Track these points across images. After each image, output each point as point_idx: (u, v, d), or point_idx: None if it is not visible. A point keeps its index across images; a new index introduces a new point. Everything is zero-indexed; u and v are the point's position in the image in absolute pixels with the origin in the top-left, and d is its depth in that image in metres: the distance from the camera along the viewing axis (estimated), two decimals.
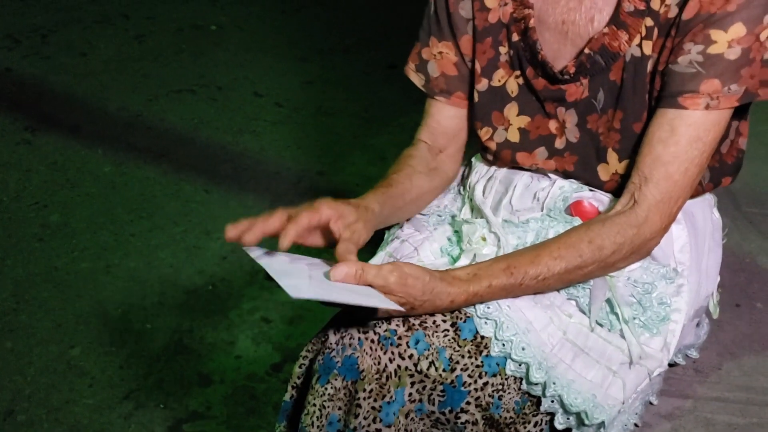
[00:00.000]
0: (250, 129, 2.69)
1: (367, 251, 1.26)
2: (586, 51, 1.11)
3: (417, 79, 1.27)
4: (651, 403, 1.26)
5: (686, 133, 1.03)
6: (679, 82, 1.03)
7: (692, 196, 1.19)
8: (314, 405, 0.94)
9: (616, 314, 1.08)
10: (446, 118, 1.27)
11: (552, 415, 1.07)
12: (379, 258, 1.24)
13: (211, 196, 2.32)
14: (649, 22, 1.07)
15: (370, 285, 0.93)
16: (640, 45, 1.08)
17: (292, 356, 1.77)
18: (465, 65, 1.24)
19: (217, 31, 3.41)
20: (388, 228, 1.34)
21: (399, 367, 0.97)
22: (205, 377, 1.72)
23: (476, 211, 1.25)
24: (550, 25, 1.13)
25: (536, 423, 1.07)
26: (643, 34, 1.08)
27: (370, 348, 0.96)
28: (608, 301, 1.08)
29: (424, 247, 1.20)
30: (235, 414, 1.64)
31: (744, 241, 1.87)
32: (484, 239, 1.13)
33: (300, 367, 1.01)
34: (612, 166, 1.15)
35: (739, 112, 1.15)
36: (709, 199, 1.27)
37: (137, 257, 2.07)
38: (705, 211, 1.24)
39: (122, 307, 1.91)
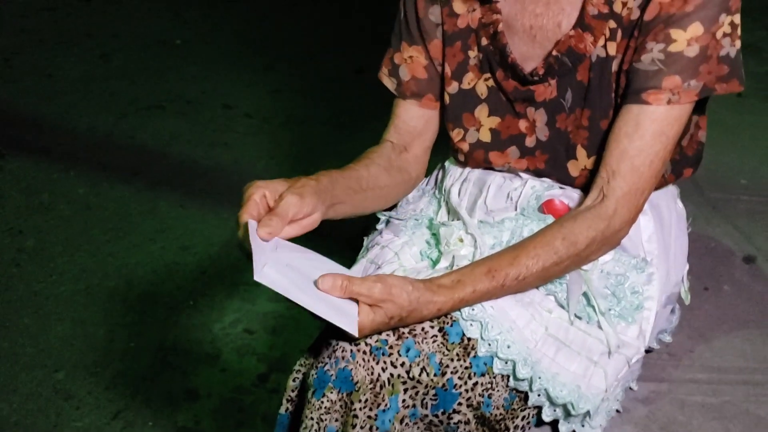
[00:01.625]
0: (222, 142, 2.69)
1: (348, 258, 1.28)
2: (554, 53, 1.15)
3: (390, 84, 1.30)
4: (631, 389, 1.30)
5: (650, 128, 1.08)
6: (643, 79, 1.08)
7: (656, 188, 1.23)
8: (311, 419, 0.96)
9: (593, 307, 1.11)
10: (413, 118, 1.29)
11: (540, 408, 1.10)
12: (360, 265, 1.26)
13: (187, 211, 2.32)
14: (612, 24, 1.11)
15: (355, 297, 0.95)
16: (604, 46, 1.12)
17: (277, 366, 1.78)
18: (435, 69, 1.27)
19: (182, 45, 3.40)
20: (366, 234, 1.37)
21: (392, 375, 0.99)
22: (192, 392, 1.72)
23: (452, 213, 1.28)
24: (518, 29, 1.17)
25: (523, 417, 1.11)
26: (607, 35, 1.12)
27: (363, 359, 0.98)
28: (585, 295, 1.12)
29: (404, 251, 1.23)
30: (224, 427, 1.65)
31: (709, 225, 1.91)
32: (461, 240, 1.16)
33: (294, 380, 1.03)
34: (581, 162, 1.18)
35: (699, 107, 1.20)
36: (672, 190, 1.31)
37: (116, 277, 2.07)
38: (669, 201, 1.28)
39: (104, 328, 1.90)
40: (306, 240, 1.03)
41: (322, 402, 0.96)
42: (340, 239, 1.51)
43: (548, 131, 1.20)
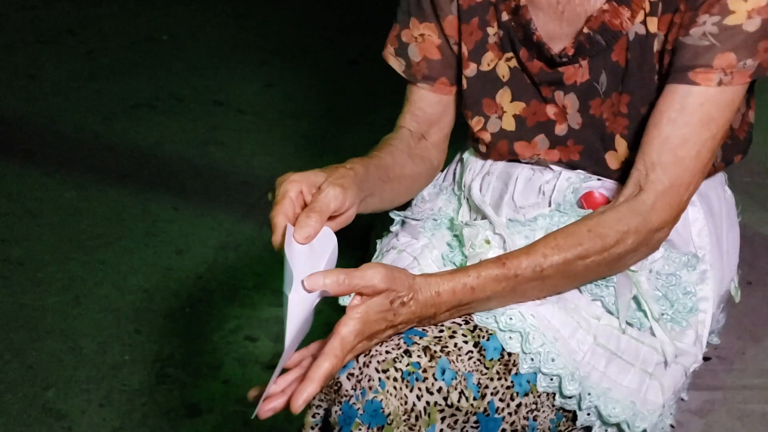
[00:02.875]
0: (215, 139, 2.66)
1: (353, 261, 1.18)
2: (585, 30, 1.04)
3: (397, 65, 1.19)
4: (682, 399, 1.21)
5: (698, 113, 0.96)
6: (691, 55, 0.96)
7: (705, 177, 1.13)
8: None
9: (644, 311, 1.01)
10: (429, 105, 1.19)
11: (589, 429, 1.00)
12: None
13: (181, 213, 2.28)
14: None
15: (356, 290, 0.85)
16: (644, 22, 1.01)
17: None
18: (450, 48, 1.16)
19: (170, 41, 3.36)
20: (379, 238, 1.26)
21: (428, 403, 0.89)
22: (192, 407, 1.67)
23: (476, 211, 1.17)
24: (543, 4, 1.06)
25: None
26: (648, 10, 1.00)
27: (394, 387, 0.87)
28: (634, 298, 1.02)
29: (424, 255, 1.12)
30: None
31: (743, 212, 1.82)
32: (488, 242, 1.05)
33: (313, 416, 0.91)
34: (621, 153, 1.08)
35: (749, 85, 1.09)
36: (720, 177, 1.21)
37: (108, 285, 2.02)
38: (718, 190, 1.18)
39: (97, 340, 1.85)
40: None
41: None
42: (343, 241, 1.43)
43: (581, 118, 1.09)
